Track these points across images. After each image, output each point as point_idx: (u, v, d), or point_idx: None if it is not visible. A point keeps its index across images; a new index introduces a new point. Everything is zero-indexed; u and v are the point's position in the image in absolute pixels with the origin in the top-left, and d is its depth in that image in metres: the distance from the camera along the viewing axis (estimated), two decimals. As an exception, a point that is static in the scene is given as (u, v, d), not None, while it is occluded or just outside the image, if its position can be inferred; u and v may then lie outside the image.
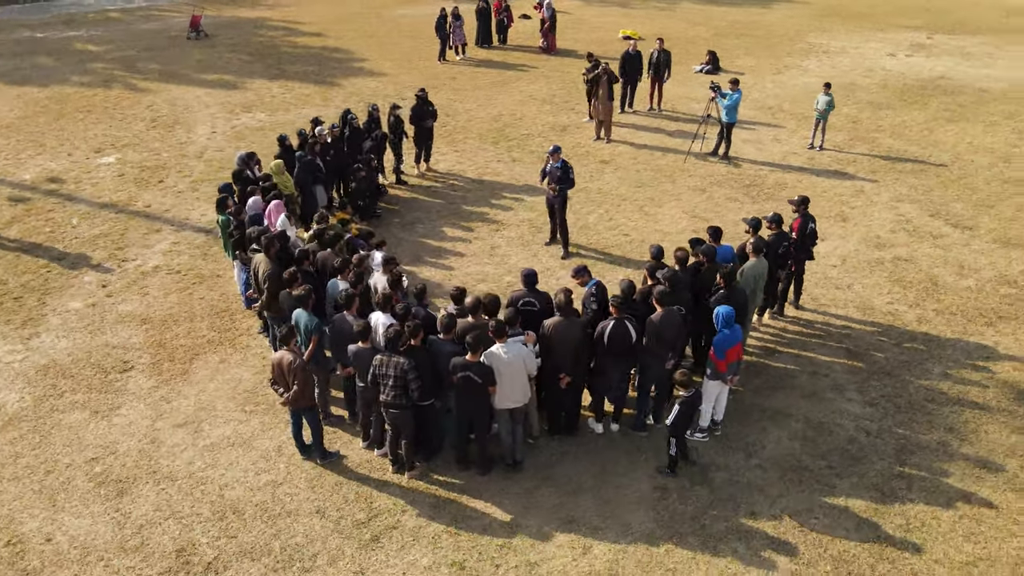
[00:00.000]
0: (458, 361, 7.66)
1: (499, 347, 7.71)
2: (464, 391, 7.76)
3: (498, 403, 7.89)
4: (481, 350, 7.64)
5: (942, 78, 21.81)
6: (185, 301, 11.40)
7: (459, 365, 7.64)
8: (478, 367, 7.60)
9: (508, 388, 7.80)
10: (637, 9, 30.80)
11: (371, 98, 19.83)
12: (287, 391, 7.92)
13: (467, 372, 7.62)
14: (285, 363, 7.82)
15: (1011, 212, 13.97)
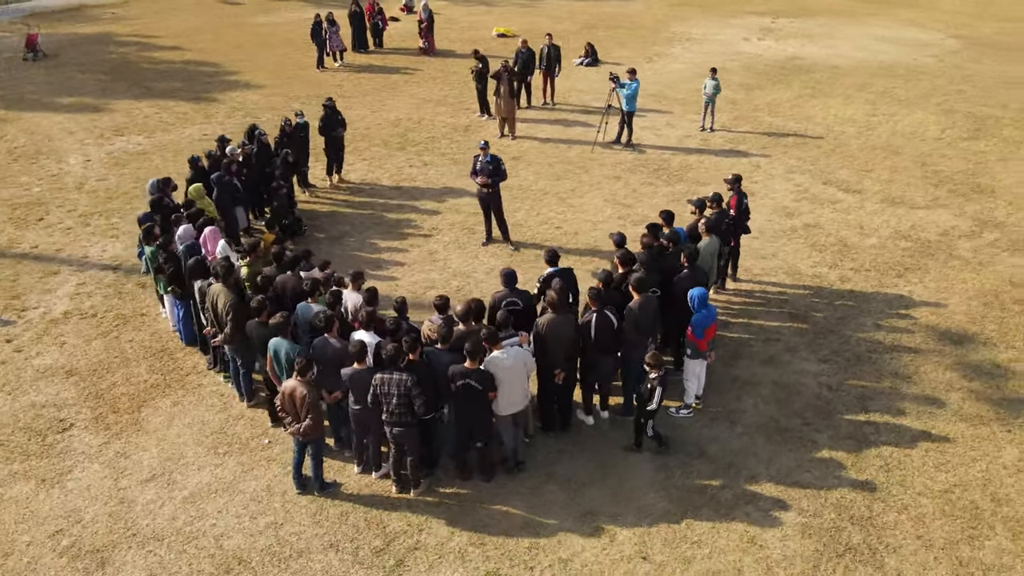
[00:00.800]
0: (457, 369, 7.53)
1: (498, 352, 7.65)
2: (465, 399, 7.63)
3: (502, 409, 7.83)
4: (480, 357, 7.54)
5: (795, 58, 23.73)
6: (112, 346, 10.41)
7: (459, 373, 7.51)
8: (478, 374, 7.50)
9: (509, 393, 7.76)
10: (500, 7, 31.21)
11: (256, 112, 18.98)
12: (296, 422, 7.46)
13: (467, 380, 7.49)
14: (298, 395, 7.35)
15: (887, 175, 15.48)
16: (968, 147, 16.83)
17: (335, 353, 7.87)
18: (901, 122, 18.35)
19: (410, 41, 25.30)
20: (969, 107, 19.22)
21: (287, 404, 7.47)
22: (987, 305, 11.15)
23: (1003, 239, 12.93)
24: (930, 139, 17.24)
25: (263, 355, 8.30)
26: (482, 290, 11.57)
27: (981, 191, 14.70)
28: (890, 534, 7.48)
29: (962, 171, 15.56)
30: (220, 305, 8.54)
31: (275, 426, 8.91)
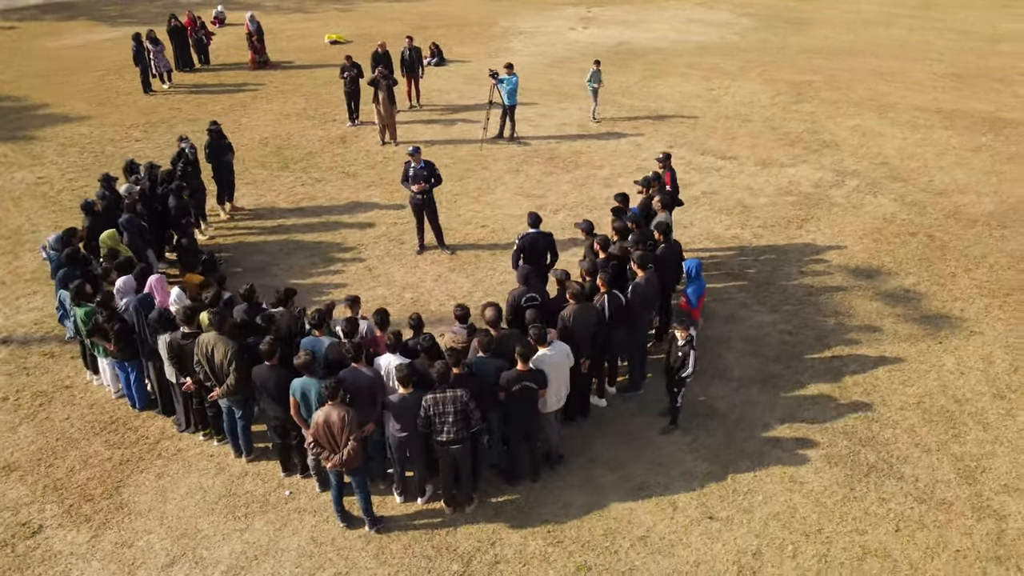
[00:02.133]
0: (511, 374, 7.44)
1: (545, 350, 7.66)
2: (519, 403, 7.56)
3: (549, 406, 7.86)
4: (530, 357, 7.50)
5: (623, 44, 25.36)
6: (47, 429, 8.97)
7: (513, 377, 7.43)
8: (532, 374, 7.47)
9: (556, 388, 7.81)
10: (317, 13, 30.22)
11: (92, 146, 17.16)
12: (335, 453, 6.95)
13: (523, 382, 7.44)
14: (336, 419, 6.83)
15: (749, 140, 17.15)
16: (799, 110, 19.06)
17: (369, 383, 7.43)
18: (737, 93, 20.33)
19: (237, 55, 23.81)
20: (784, 75, 21.72)
21: (323, 436, 6.96)
22: (876, 241, 12.83)
23: (861, 184, 14.89)
24: (767, 106, 19.30)
25: (277, 401, 7.63)
26: (436, 298, 11.40)
27: (827, 146, 16.77)
28: (895, 448, 8.50)
29: (805, 131, 17.63)
30: (219, 355, 7.69)
31: (289, 475, 8.24)
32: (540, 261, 10.05)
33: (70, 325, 9.22)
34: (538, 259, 10.02)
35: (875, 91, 20.27)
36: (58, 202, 14.54)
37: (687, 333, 8.26)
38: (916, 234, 13.01)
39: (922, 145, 16.70)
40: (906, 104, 19.26)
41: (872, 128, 17.68)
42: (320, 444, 7.02)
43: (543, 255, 10.03)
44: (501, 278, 11.92)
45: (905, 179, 15.07)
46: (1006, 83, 20.98)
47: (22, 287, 11.78)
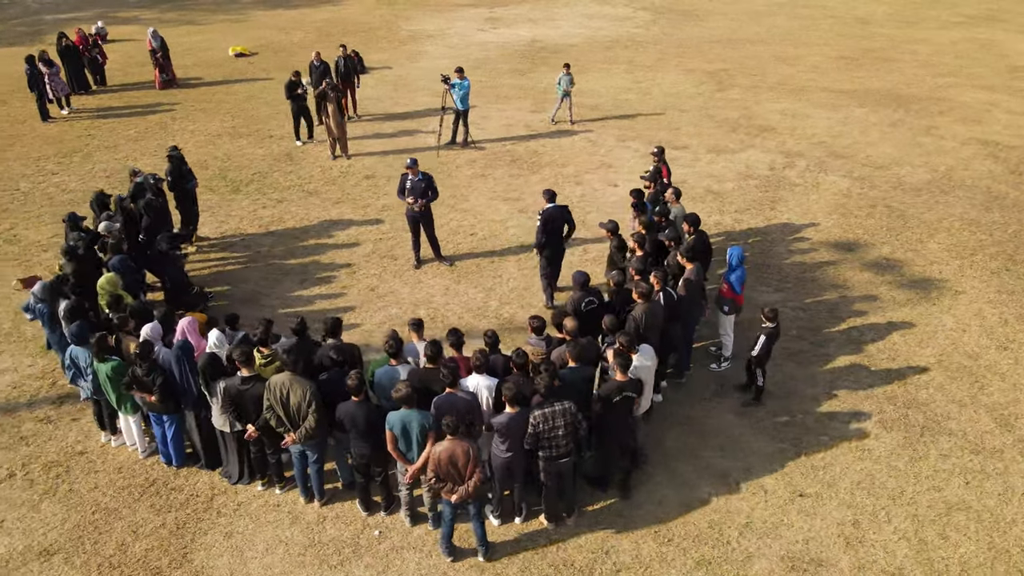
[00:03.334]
0: (610, 385, 7.35)
1: (635, 357, 7.64)
2: (619, 413, 7.47)
3: (641, 410, 7.87)
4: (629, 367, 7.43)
5: (536, 42, 25.62)
6: (74, 502, 8.00)
7: (613, 388, 7.35)
8: (632, 384, 7.42)
9: (647, 392, 7.84)
10: (209, 25, 28.51)
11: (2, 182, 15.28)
12: (459, 484, 6.65)
13: (624, 392, 7.38)
14: (460, 454, 6.53)
15: (692, 129, 17.82)
16: (725, 97, 20.01)
17: (467, 407, 7.15)
18: (661, 84, 21.06)
19: (135, 74, 22.10)
20: (699, 65, 22.72)
21: (446, 470, 6.65)
22: (843, 216, 13.72)
23: (810, 164, 15.85)
24: (694, 95, 20.12)
25: (366, 438, 7.19)
26: (453, 312, 11.12)
27: (764, 130, 17.71)
28: (935, 406, 9.15)
29: (739, 116, 18.53)
30: (296, 397, 7.13)
31: (371, 514, 7.80)
32: (559, 234, 10.70)
33: (86, 384, 8.24)
34: (557, 232, 10.65)
35: (784, 76, 21.60)
36: (-13, 249, 12.96)
37: (772, 323, 8.62)
38: (875, 206, 14.02)
39: (846, 124, 17.98)
40: (815, 87, 20.66)
41: (797, 111, 18.84)
42: (441, 478, 6.68)
43: (561, 228, 10.68)
44: (511, 285, 11.78)
45: (845, 156, 16.18)
46: (889, 62, 22.94)
47: (-19, 348, 10.43)
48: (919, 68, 22.08)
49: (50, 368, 9.99)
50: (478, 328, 10.57)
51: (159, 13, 30.21)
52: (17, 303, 11.35)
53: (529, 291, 11.65)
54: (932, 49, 24.09)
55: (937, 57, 23.21)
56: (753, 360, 8.90)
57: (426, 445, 7.02)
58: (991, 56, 23.33)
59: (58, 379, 9.77)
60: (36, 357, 10.23)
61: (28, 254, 12.77)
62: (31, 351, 10.35)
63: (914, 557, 7.30)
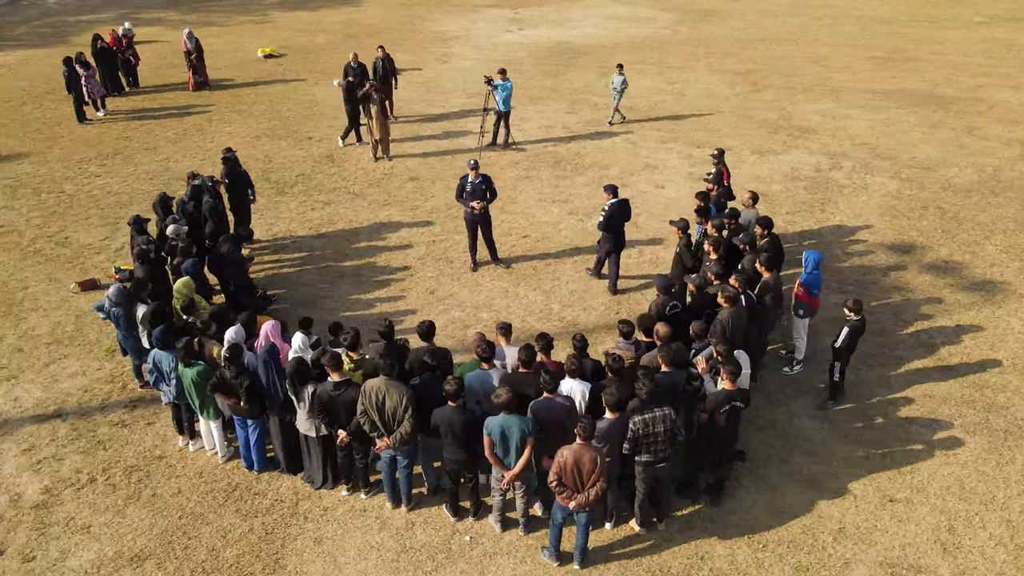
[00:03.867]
0: (719, 395, 7.24)
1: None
2: (728, 422, 7.38)
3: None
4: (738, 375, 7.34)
5: (563, 43, 25.55)
6: (160, 507, 7.95)
7: (722, 399, 7.25)
8: (741, 393, 7.34)
9: (742, 398, 7.80)
10: (232, 27, 28.46)
11: (44, 187, 15.38)
12: (579, 492, 6.59)
13: (733, 402, 7.29)
14: (587, 461, 6.47)
15: (732, 131, 17.75)
16: (760, 97, 19.95)
17: (566, 412, 7.10)
18: (695, 86, 21.00)
19: (165, 75, 22.07)
20: (729, 66, 22.66)
21: (571, 476, 6.59)
22: (895, 217, 13.66)
23: (856, 165, 15.79)
24: (730, 96, 20.07)
25: (462, 444, 7.14)
26: (516, 315, 11.06)
27: (806, 131, 17.66)
28: (1016, 411, 9.09)
29: (777, 118, 18.47)
30: (391, 402, 7.07)
31: (460, 519, 7.74)
32: (621, 227, 11.17)
33: (168, 389, 8.19)
34: (619, 225, 11.13)
35: (817, 76, 21.54)
36: (39, 252, 12.88)
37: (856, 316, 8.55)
38: (927, 208, 13.96)
39: (887, 125, 17.92)
40: (850, 87, 20.60)
41: (836, 112, 18.78)
42: (564, 484, 6.62)
43: (623, 221, 11.19)
44: (570, 288, 11.73)
45: (890, 157, 16.12)
46: (919, 62, 22.86)
47: (46, 352, 10.36)
48: (950, 69, 22.02)
49: (118, 372, 9.94)
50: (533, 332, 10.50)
51: (181, 15, 30.16)
52: (76, 306, 11.32)
53: (588, 293, 11.59)
54: (958, 49, 24.02)
55: (966, 57, 23.14)
56: (834, 352, 8.80)
57: (525, 451, 6.98)
58: (1019, 57, 23.25)
59: (128, 383, 9.72)
60: (102, 360, 10.18)
61: (81, 257, 12.72)
62: (96, 354, 10.30)
63: (1012, 563, 7.24)
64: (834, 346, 8.77)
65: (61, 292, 11.71)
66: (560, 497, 6.71)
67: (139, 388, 9.56)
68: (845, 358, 9.00)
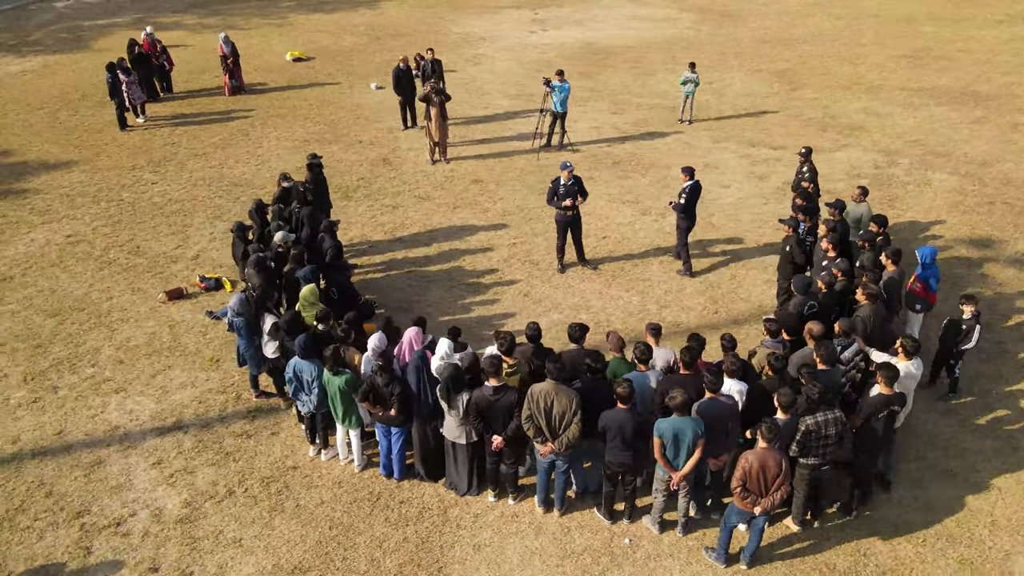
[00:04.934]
0: (878, 399, 7.22)
1: (907, 364, 7.59)
2: (884, 427, 7.39)
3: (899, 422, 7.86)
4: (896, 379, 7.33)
5: (590, 44, 25.55)
6: (306, 518, 7.83)
7: (881, 403, 7.24)
8: (898, 397, 7.34)
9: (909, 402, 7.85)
10: (252, 29, 28.17)
11: (103, 195, 15.19)
12: (762, 496, 6.60)
13: (891, 406, 7.30)
14: (773, 463, 6.47)
15: (782, 130, 17.86)
16: (802, 97, 20.10)
17: (729, 411, 7.11)
18: (732, 85, 21.11)
19: (199, 80, 21.81)
20: (760, 65, 22.82)
21: (756, 481, 6.59)
22: (965, 213, 13.83)
23: (914, 162, 15.97)
24: (770, 95, 20.20)
25: (629, 446, 7.11)
26: (616, 317, 11.06)
27: (855, 128, 17.82)
28: None
29: (822, 116, 18.63)
30: (560, 406, 7.03)
31: (615, 522, 7.72)
32: (695, 207, 11.79)
33: (308, 399, 8.07)
34: (695, 206, 11.78)
35: (852, 75, 21.75)
36: (113, 262, 12.66)
37: (973, 308, 8.59)
38: (993, 203, 14.15)
39: (932, 122, 18.14)
40: (888, 85, 20.82)
41: (878, 109, 18.97)
42: (748, 490, 6.61)
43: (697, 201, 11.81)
44: (663, 287, 11.75)
45: (944, 154, 16.32)
46: (949, 60, 23.16)
47: (148, 364, 10.18)
48: (979, 66, 22.32)
49: (228, 382, 9.80)
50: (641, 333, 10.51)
51: (199, 18, 29.81)
52: (167, 316, 11.14)
53: (683, 293, 11.62)
54: (984, 47, 24.36)
55: (993, 55, 23.47)
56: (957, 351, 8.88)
57: (695, 452, 6.97)
58: (1044, 53, 23.64)
59: (242, 392, 9.59)
60: (208, 371, 10.02)
61: (158, 265, 12.52)
62: (201, 365, 10.14)
63: None
64: (969, 346, 8.78)
65: (148, 302, 11.52)
66: (744, 502, 6.69)
67: (254, 398, 9.43)
68: (961, 353, 9.08)
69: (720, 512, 7.76)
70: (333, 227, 10.63)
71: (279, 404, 9.35)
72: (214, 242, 13.23)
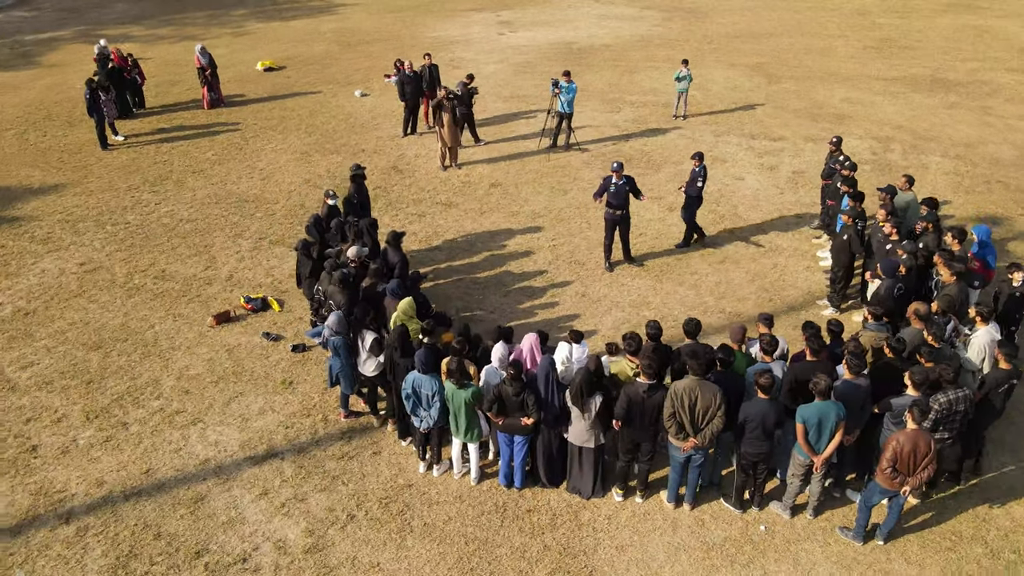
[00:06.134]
0: (999, 374, 7.53)
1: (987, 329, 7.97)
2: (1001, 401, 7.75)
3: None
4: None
5: (570, 44, 25.70)
6: (439, 535, 7.66)
7: (1002, 377, 7.52)
8: (1017, 372, 7.62)
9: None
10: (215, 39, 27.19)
11: (106, 220, 14.45)
12: (912, 475, 6.83)
13: (1011, 380, 7.60)
14: (923, 444, 6.70)
15: (776, 121, 18.46)
16: (781, 89, 20.80)
17: (865, 393, 7.35)
18: (716, 80, 21.65)
19: (171, 94, 20.94)
20: (739, 60, 23.46)
21: (906, 462, 6.82)
22: (967, 193, 14.62)
23: (906, 147, 16.76)
24: (754, 88, 20.81)
25: (767, 435, 7.26)
26: (678, 310, 11.22)
27: (842, 117, 18.57)
28: None
29: (808, 106, 19.33)
30: (704, 402, 7.11)
31: (744, 511, 7.86)
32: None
33: (427, 414, 7.88)
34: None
35: (825, 67, 22.63)
36: (141, 288, 12.04)
37: (1023, 276, 9.04)
38: (989, 183, 15.01)
39: (912, 108, 19.07)
40: (862, 75, 21.75)
41: (859, 99, 19.82)
42: (898, 470, 6.82)
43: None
44: (713, 279, 11.99)
45: (931, 138, 17.19)
46: (911, 50, 24.34)
47: (216, 392, 9.73)
48: (941, 55, 23.56)
49: (309, 404, 9.47)
50: (708, 326, 10.73)
51: (149, 29, 28.60)
52: (220, 341, 10.68)
53: (732, 284, 11.88)
54: (940, 36, 25.72)
55: (951, 44, 24.79)
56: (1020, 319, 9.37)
57: (836, 435, 7.17)
58: (995, 41, 25.13)
59: (328, 414, 9.29)
60: (283, 394, 9.66)
61: (192, 289, 11.98)
62: (273, 388, 9.77)
63: None
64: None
65: (194, 327, 11.02)
66: (892, 482, 6.92)
67: (343, 419, 9.16)
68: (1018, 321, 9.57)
69: (841, 491, 8.01)
70: (399, 239, 10.40)
71: (371, 422, 9.11)
72: (243, 261, 12.75)
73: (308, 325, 10.88)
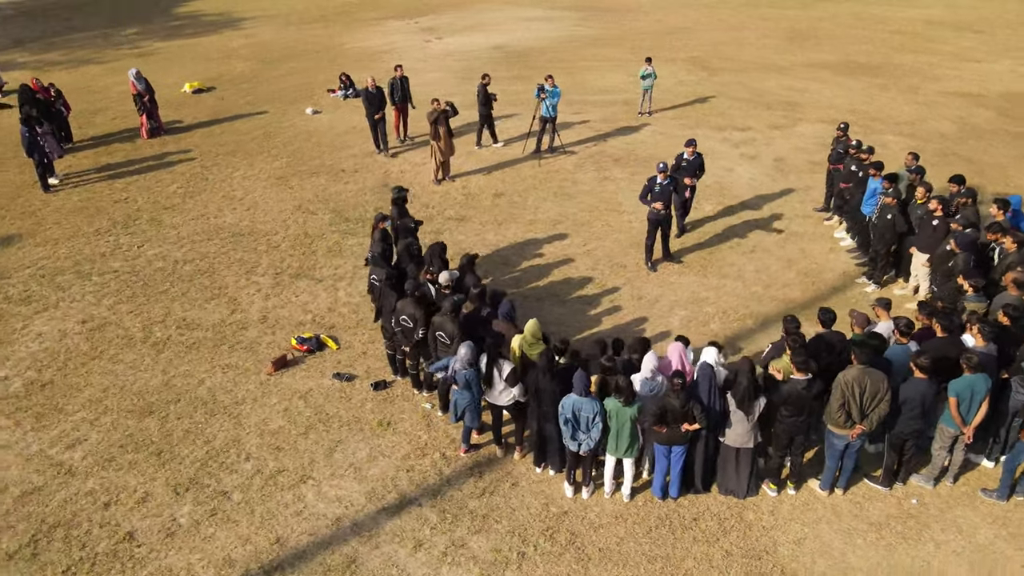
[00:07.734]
0: None
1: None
2: None
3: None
4: None
5: (501, 47, 25.70)
6: (618, 560, 7.47)
7: None
8: None
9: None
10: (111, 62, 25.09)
11: (91, 271, 13.12)
12: None
13: None
14: None
15: (737, 112, 19.28)
16: (722, 80, 21.78)
17: (995, 359, 7.84)
18: (663, 77, 22.17)
19: (97, 125, 19.19)
20: (673, 55, 24.35)
21: None
22: (933, 167, 15.77)
23: (863, 130, 17.95)
24: (699, 81, 21.67)
25: (923, 415, 7.61)
26: (736, 302, 11.52)
27: (793, 105, 19.67)
28: None
29: (756, 96, 20.34)
30: (872, 388, 7.32)
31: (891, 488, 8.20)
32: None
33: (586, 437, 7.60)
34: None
35: (755, 58, 23.89)
36: (169, 341, 10.89)
37: None
38: (946, 156, 16.40)
39: (850, 92, 20.49)
40: (791, 64, 23.15)
41: (798, 86, 21.08)
42: None
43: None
44: (753, 267, 12.39)
45: (879, 119, 18.55)
46: (820, 38, 26.17)
47: (311, 443, 8.96)
48: (848, 42, 25.49)
49: (420, 443, 8.95)
50: (770, 315, 11.12)
51: (35, 54, 25.98)
52: (286, 388, 9.89)
53: (771, 270, 12.32)
54: (841, 25, 27.80)
55: (852, 31, 26.85)
56: None
57: (982, 405, 7.61)
58: (895, 28, 27.43)
59: (445, 450, 8.81)
60: (384, 436, 9.07)
61: (228, 337, 10.99)
62: (371, 431, 9.14)
63: None
64: None
65: (250, 377, 10.13)
66: None
67: (463, 453, 8.73)
68: None
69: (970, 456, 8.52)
70: (472, 261, 10.03)
71: (495, 452, 8.75)
72: (270, 300, 11.85)
73: (371, 360, 10.33)
